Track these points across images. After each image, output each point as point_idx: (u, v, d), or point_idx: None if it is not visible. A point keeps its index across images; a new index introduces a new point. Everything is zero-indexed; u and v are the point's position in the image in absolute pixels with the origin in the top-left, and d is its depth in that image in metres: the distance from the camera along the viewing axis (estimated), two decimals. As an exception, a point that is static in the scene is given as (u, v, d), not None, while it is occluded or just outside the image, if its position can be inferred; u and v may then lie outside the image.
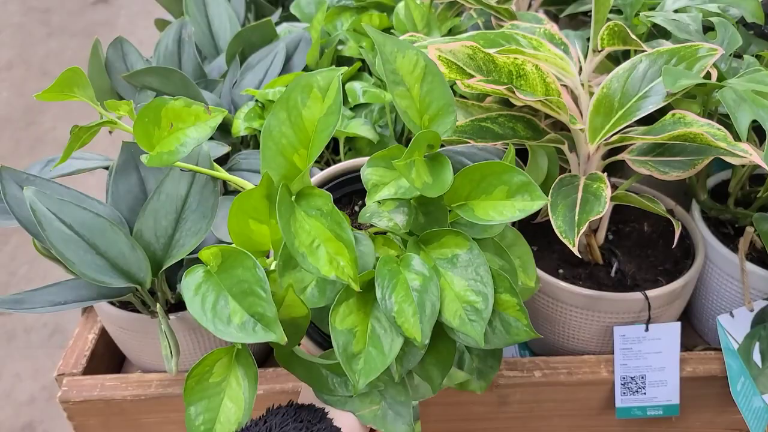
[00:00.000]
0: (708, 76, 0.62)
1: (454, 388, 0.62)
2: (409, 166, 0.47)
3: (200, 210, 0.63)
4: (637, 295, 0.69)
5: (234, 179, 0.62)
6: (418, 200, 0.52)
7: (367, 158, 0.51)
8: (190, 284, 0.45)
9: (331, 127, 0.48)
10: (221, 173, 0.62)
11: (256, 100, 0.84)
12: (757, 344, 0.72)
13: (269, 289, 0.44)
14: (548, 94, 0.64)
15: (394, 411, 0.53)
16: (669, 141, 0.56)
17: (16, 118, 2.32)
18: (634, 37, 0.68)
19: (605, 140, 0.62)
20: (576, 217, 0.57)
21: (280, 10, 1.09)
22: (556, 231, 0.57)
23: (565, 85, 0.70)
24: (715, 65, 0.63)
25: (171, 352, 0.64)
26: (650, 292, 0.69)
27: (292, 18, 1.08)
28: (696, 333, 0.84)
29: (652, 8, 0.87)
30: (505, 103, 0.73)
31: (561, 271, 0.74)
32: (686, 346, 0.82)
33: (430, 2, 0.96)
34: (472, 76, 0.61)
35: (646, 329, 0.70)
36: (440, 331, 0.50)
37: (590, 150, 0.65)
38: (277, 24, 1.04)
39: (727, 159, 0.57)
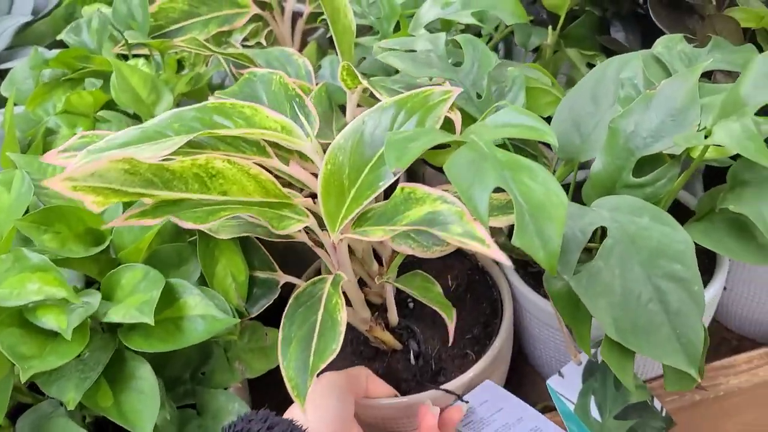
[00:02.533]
0: (450, 124, 0.50)
1: None
2: None
3: None
4: (438, 393, 0.56)
5: None
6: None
7: None
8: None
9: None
10: None
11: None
12: (593, 398, 0.62)
13: None
14: (261, 186, 0.49)
15: None
16: (401, 228, 0.43)
17: None
18: (362, 79, 0.55)
19: (341, 230, 0.49)
20: (311, 359, 0.43)
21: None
22: (288, 387, 0.43)
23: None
24: (458, 107, 0.51)
25: None
26: (453, 383, 0.57)
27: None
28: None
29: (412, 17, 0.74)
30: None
31: (356, 370, 0.61)
32: (535, 401, 0.72)
33: (161, 59, 0.80)
34: (143, 194, 0.45)
35: (463, 423, 0.58)
36: None
37: (334, 241, 0.51)
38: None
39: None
